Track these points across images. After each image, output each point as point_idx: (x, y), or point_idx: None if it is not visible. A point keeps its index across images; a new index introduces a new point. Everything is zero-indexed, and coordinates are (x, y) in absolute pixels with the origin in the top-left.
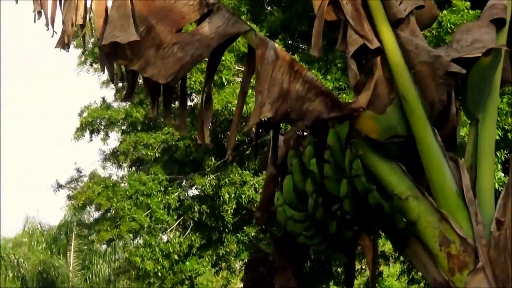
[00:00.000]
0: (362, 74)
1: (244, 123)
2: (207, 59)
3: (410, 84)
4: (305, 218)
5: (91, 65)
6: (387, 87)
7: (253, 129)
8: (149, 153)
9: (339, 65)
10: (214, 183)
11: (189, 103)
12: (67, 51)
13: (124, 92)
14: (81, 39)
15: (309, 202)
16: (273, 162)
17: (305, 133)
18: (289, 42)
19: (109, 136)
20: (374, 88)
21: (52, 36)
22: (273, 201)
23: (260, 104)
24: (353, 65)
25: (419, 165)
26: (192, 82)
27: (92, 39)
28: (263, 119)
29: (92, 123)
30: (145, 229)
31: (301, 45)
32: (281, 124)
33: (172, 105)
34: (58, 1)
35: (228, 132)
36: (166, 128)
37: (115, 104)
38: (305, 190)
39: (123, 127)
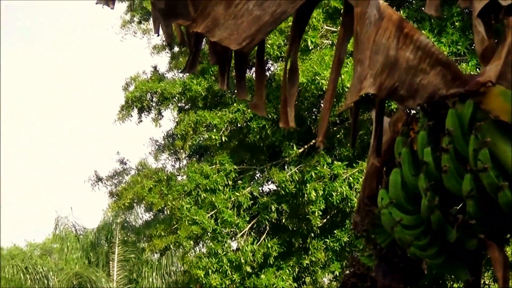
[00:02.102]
0: (492, 38)
1: (336, 100)
2: (290, 19)
3: None
4: (417, 223)
5: (139, 23)
6: None
7: (351, 109)
8: (213, 137)
9: (456, 24)
10: (297, 178)
11: None
12: (112, 8)
13: (185, 61)
14: None
15: (422, 203)
16: (376, 151)
17: (417, 115)
18: None
19: (162, 116)
20: (506, 56)
21: None
22: (375, 200)
23: (360, 77)
24: (480, 26)
25: None
26: (268, 46)
27: None
28: (363, 95)
29: (140, 99)
30: (209, 234)
31: None
32: (386, 102)
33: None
34: None
35: (315, 111)
36: (235, 104)
37: (169, 75)
38: (417, 187)
39: (180, 104)
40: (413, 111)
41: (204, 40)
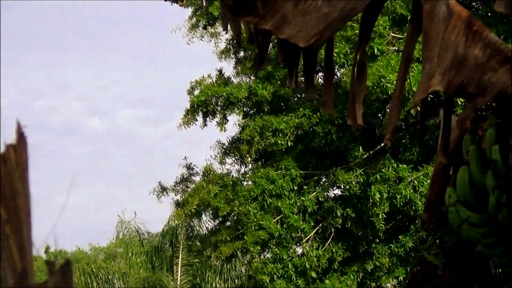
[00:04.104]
0: None
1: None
2: (358, 18)
3: None
4: (485, 221)
5: (204, 28)
6: None
7: (418, 108)
8: (279, 142)
9: None
10: (361, 180)
11: None
12: (181, 5)
13: (253, 60)
14: None
15: (490, 201)
16: (444, 149)
17: (485, 113)
18: None
19: (227, 120)
20: None
21: None
22: (443, 199)
23: (428, 74)
24: None
25: None
26: (334, 54)
27: None
28: (430, 96)
29: (206, 103)
30: (274, 239)
31: (473, 3)
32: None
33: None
34: None
35: (380, 115)
36: (300, 109)
37: (235, 80)
38: (485, 185)
39: (246, 109)
40: (481, 109)
41: (271, 43)
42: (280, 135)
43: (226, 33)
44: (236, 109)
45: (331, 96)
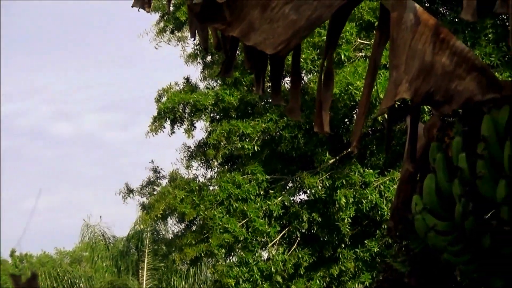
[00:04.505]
0: None
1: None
2: (326, 25)
3: None
4: (451, 228)
5: (172, 33)
6: None
7: (385, 115)
8: (246, 146)
9: (490, 36)
10: (327, 184)
11: None
12: (148, 11)
13: (218, 70)
14: None
15: (457, 209)
16: (411, 157)
17: (452, 120)
18: (426, 4)
19: (195, 127)
20: None
21: None
22: (409, 206)
23: (395, 82)
24: None
25: None
26: (301, 60)
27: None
28: (397, 102)
29: (173, 110)
30: (240, 243)
31: (441, 9)
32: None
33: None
34: None
35: (347, 121)
36: (267, 114)
37: (202, 85)
38: (452, 193)
39: (213, 115)
40: (448, 117)
41: (238, 49)
42: (247, 139)
43: (194, 39)
44: (203, 115)
45: (298, 103)
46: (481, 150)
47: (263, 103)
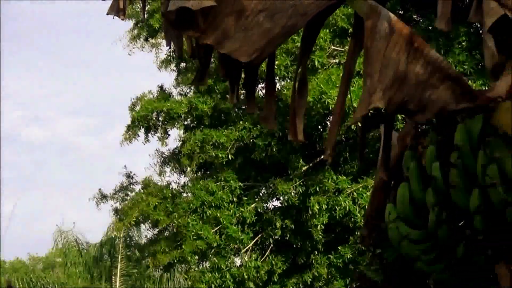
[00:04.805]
0: (501, 53)
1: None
2: (300, 31)
3: None
4: (425, 237)
5: (146, 40)
6: None
7: (358, 123)
8: (220, 155)
9: (463, 44)
10: (301, 191)
11: None
12: (123, 19)
13: (192, 77)
14: (141, 3)
15: (430, 218)
16: (384, 165)
17: (426, 129)
18: (400, 11)
19: (169, 135)
20: None
21: None
22: (383, 215)
23: (369, 91)
24: (490, 41)
25: None
26: (275, 67)
27: (148, 7)
28: (371, 111)
29: (147, 119)
30: (213, 249)
31: (414, 16)
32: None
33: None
34: None
35: (320, 128)
36: (241, 122)
37: (176, 91)
38: (425, 201)
39: (186, 122)
40: (422, 126)
41: (212, 56)
42: (220, 148)
43: (170, 48)
44: (177, 123)
45: (272, 111)
46: (454, 159)
47: (236, 110)
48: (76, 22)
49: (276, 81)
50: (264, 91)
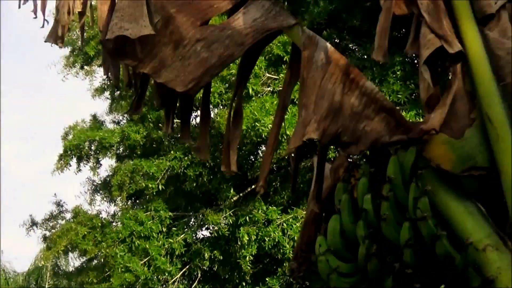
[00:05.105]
0: (437, 85)
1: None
2: (233, 66)
3: (498, 101)
4: (354, 271)
5: (81, 68)
6: (468, 104)
7: (291, 154)
8: (150, 186)
9: (398, 73)
10: (231, 221)
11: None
12: (61, 47)
13: (126, 104)
14: (80, 31)
15: (360, 251)
16: (316, 197)
17: (359, 161)
18: (336, 40)
19: (100, 164)
20: (451, 104)
21: (43, 26)
22: (313, 247)
23: (304, 122)
24: (426, 73)
25: (503, 207)
26: None
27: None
28: (305, 141)
29: (79, 148)
30: (141, 281)
31: (350, 45)
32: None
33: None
34: None
35: (252, 157)
36: (172, 152)
37: (108, 119)
38: (356, 234)
39: (119, 152)
40: (355, 158)
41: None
42: (151, 178)
43: (107, 77)
44: (109, 153)
45: (206, 142)
46: (386, 192)
47: (169, 138)
48: (8, 43)
49: (210, 108)
50: (197, 119)
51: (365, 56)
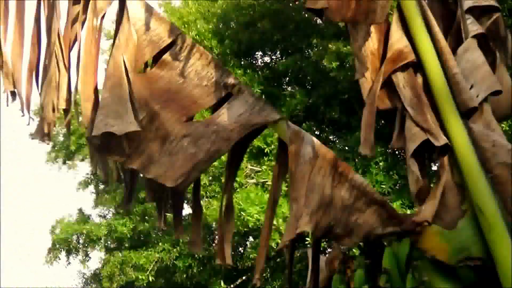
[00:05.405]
0: (425, 178)
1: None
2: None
3: (487, 192)
4: None
5: (64, 163)
6: (458, 196)
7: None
8: (140, 277)
9: (381, 164)
10: None
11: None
12: (48, 143)
13: (110, 198)
14: (66, 127)
15: None
16: None
17: (348, 252)
18: (316, 132)
19: (90, 257)
20: (442, 196)
21: (28, 124)
22: None
23: (296, 216)
24: (414, 166)
25: None
26: None
27: (64, 130)
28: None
29: (67, 241)
30: None
31: (331, 137)
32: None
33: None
34: (34, 79)
35: (241, 248)
36: (160, 244)
37: (94, 212)
38: None
39: (107, 244)
40: (349, 250)
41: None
42: (141, 269)
43: (96, 173)
44: (97, 246)
45: (199, 236)
46: (383, 283)
47: (156, 231)
48: None
49: (200, 202)
50: (186, 212)
51: (346, 148)
